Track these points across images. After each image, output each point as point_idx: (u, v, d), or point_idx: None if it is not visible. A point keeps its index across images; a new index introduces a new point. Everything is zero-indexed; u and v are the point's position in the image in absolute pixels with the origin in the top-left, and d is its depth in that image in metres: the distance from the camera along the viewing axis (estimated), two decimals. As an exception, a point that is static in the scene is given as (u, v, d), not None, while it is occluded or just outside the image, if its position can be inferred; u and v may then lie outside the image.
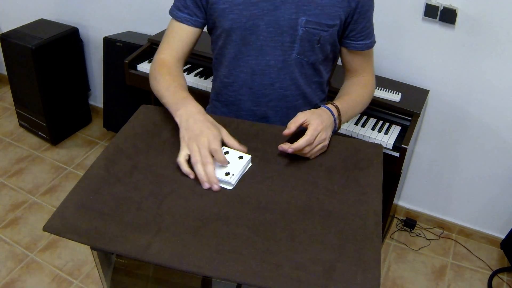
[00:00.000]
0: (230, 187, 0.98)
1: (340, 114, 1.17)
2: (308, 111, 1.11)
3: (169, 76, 1.18)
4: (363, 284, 0.79)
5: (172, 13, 1.23)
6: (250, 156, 1.04)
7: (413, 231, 2.34)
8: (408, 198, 2.38)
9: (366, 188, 0.99)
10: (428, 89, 1.98)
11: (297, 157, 1.07)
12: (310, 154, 1.07)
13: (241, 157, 1.03)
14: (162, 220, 0.88)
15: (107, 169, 1.00)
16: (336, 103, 1.18)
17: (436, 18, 1.81)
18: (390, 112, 1.88)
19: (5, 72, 2.81)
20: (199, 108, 1.08)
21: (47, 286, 1.98)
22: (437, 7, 1.78)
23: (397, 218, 2.39)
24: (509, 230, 2.07)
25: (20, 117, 2.87)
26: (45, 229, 0.86)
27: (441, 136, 2.10)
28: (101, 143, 2.86)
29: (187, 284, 1.05)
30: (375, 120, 1.90)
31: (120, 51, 2.40)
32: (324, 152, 1.09)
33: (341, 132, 1.82)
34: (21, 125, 2.92)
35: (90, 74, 2.95)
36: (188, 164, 1.00)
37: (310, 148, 1.05)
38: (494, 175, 2.08)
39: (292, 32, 1.16)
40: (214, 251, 0.83)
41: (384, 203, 0.98)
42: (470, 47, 1.83)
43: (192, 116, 1.05)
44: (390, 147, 1.77)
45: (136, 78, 2.19)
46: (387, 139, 1.79)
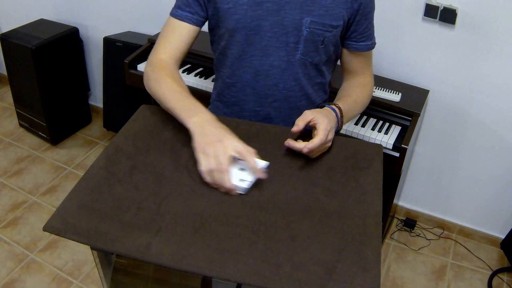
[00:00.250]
0: (242, 193, 0.96)
1: (342, 115, 1.17)
2: (314, 110, 1.09)
3: (171, 79, 1.14)
4: (363, 284, 0.79)
5: (173, 13, 1.22)
6: (267, 162, 1.01)
7: (413, 231, 2.34)
8: (408, 198, 2.38)
9: (366, 188, 0.99)
10: (428, 89, 1.98)
11: (297, 157, 1.06)
12: (313, 154, 1.06)
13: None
14: (162, 220, 0.88)
15: (107, 169, 1.00)
16: (338, 104, 1.18)
17: (436, 18, 1.81)
18: (390, 112, 1.88)
19: (5, 72, 2.81)
20: (213, 115, 1.05)
21: (47, 286, 1.98)
22: (437, 7, 1.78)
23: (397, 218, 2.39)
24: (509, 230, 2.07)
25: (20, 117, 2.87)
26: (45, 229, 0.86)
27: (441, 136, 2.10)
28: (101, 143, 2.86)
29: (187, 284, 1.05)
30: (375, 120, 1.90)
31: (120, 51, 2.40)
32: (324, 152, 1.09)
33: (341, 132, 1.82)
34: (21, 125, 2.92)
35: (90, 74, 2.95)
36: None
37: (318, 148, 1.04)
38: (494, 175, 2.08)
39: (296, 33, 1.15)
40: (214, 251, 0.83)
41: (384, 203, 0.98)
42: (470, 47, 1.83)
43: (209, 123, 1.02)
44: (390, 147, 1.77)
45: (136, 78, 2.18)
46: (387, 139, 1.79)
